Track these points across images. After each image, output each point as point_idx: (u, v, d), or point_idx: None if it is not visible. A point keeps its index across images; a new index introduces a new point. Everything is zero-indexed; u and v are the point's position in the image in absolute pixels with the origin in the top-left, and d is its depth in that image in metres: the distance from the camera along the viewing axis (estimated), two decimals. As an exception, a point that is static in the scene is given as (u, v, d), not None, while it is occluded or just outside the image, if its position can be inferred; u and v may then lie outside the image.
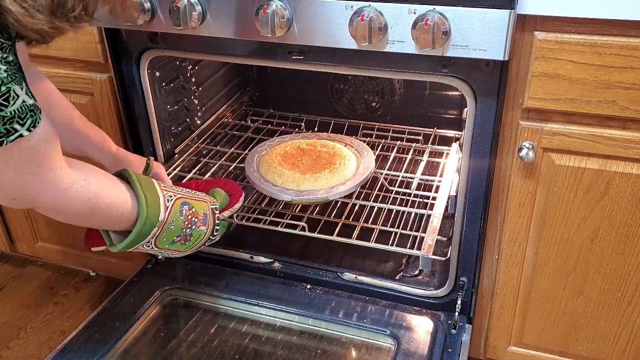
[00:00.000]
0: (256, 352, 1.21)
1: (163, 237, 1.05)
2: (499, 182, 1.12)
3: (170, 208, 1.05)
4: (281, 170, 1.32)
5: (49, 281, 1.83)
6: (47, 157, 0.83)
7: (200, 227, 1.11)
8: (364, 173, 1.31)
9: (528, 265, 1.18)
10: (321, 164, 1.33)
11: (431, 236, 1.13)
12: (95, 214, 0.94)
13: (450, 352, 1.17)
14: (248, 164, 1.38)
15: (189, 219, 1.09)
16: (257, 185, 1.31)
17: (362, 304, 1.28)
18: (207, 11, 1.05)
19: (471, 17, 0.91)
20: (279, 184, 1.30)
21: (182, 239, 1.09)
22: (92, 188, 0.91)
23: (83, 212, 0.92)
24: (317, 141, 1.44)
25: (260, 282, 1.35)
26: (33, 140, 0.78)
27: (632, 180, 1.03)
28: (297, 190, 1.28)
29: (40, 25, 0.70)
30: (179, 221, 1.06)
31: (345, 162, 1.34)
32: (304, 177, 1.29)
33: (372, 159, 1.37)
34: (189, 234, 1.09)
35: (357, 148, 1.42)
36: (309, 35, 1.02)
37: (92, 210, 0.93)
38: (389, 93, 1.67)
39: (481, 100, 1.04)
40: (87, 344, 1.17)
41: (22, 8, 0.68)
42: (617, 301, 1.16)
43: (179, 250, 1.11)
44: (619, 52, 0.93)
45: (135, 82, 1.26)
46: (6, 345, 1.60)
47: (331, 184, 1.29)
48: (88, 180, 0.91)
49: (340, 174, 1.31)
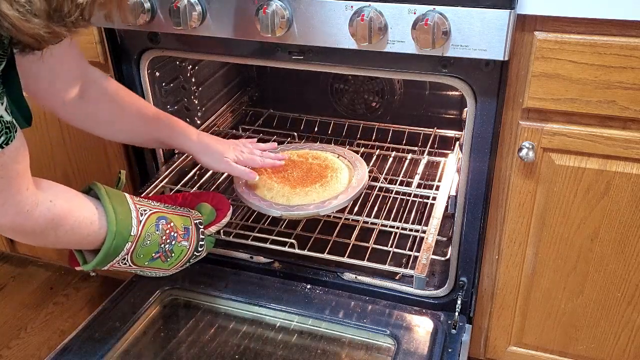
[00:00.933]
0: (256, 352, 1.21)
1: (139, 253, 1.02)
2: (499, 182, 1.12)
3: (144, 222, 1.02)
4: (270, 183, 1.27)
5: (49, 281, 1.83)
6: (14, 177, 0.81)
7: (182, 242, 1.08)
8: (356, 187, 1.27)
9: (528, 265, 1.18)
10: (312, 177, 1.29)
11: (425, 255, 1.07)
12: (60, 236, 0.92)
13: (450, 352, 1.17)
14: (237, 178, 1.32)
15: (167, 233, 1.05)
16: (245, 199, 1.27)
17: (362, 304, 1.28)
18: (207, 11, 1.05)
19: (471, 17, 0.91)
20: (268, 198, 1.26)
21: (162, 255, 1.05)
22: (56, 210, 0.89)
23: (47, 232, 0.90)
24: (308, 152, 1.40)
25: (260, 282, 1.35)
26: (3, 157, 0.77)
27: (632, 180, 1.03)
28: (286, 205, 1.24)
29: (36, 29, 0.69)
30: (155, 236, 1.03)
31: (338, 175, 1.30)
32: (294, 191, 1.25)
33: (365, 171, 1.33)
34: (169, 249, 1.06)
35: (350, 160, 1.38)
36: (308, 35, 1.02)
37: (55, 232, 0.91)
38: (389, 93, 1.67)
39: (481, 100, 1.04)
40: (87, 344, 1.17)
41: (19, 12, 0.67)
42: (617, 301, 1.16)
43: (161, 267, 1.08)
44: (619, 52, 0.93)
45: (135, 82, 1.26)
46: (6, 345, 1.60)
47: (322, 198, 1.24)
48: (54, 202, 0.89)
49: (332, 187, 1.27)
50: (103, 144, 1.39)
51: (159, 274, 1.11)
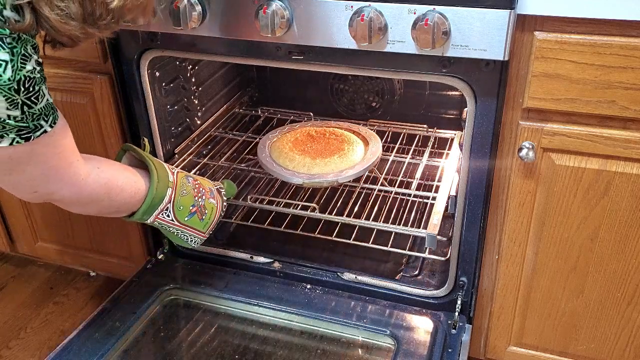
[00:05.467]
0: (256, 352, 1.21)
1: (179, 203, 1.10)
2: (499, 182, 1.12)
3: (176, 174, 1.13)
4: (292, 155, 1.37)
5: (49, 281, 1.83)
6: (65, 151, 0.90)
7: (210, 200, 1.17)
8: (371, 158, 1.36)
9: (528, 265, 1.18)
10: (330, 150, 1.38)
11: (436, 216, 1.18)
12: (112, 198, 1.00)
13: (450, 352, 1.17)
14: (260, 150, 1.43)
15: (197, 187, 1.15)
16: (270, 169, 1.36)
17: (362, 304, 1.28)
18: (207, 11, 1.05)
19: (471, 17, 0.91)
20: (290, 168, 1.34)
21: (198, 210, 1.14)
22: (105, 175, 0.99)
23: (102, 197, 0.99)
24: (326, 129, 1.49)
25: (260, 282, 1.35)
26: (55, 135, 0.85)
27: (632, 180, 1.03)
28: (308, 173, 1.33)
29: (73, 31, 0.79)
30: (188, 187, 1.13)
31: (354, 148, 1.39)
32: (314, 161, 1.34)
33: (379, 145, 1.41)
34: (202, 205, 1.15)
35: (365, 135, 1.47)
36: (309, 35, 1.02)
37: (109, 195, 0.99)
38: (389, 93, 1.67)
39: (481, 100, 1.04)
40: (87, 344, 1.17)
41: (58, 16, 0.77)
42: (617, 301, 1.16)
43: (197, 228, 1.15)
44: (619, 52, 0.93)
45: (135, 82, 1.26)
46: (6, 345, 1.60)
47: (340, 168, 1.33)
48: (101, 168, 0.99)
49: (349, 159, 1.35)
50: (103, 144, 1.39)
51: (195, 240, 1.17)
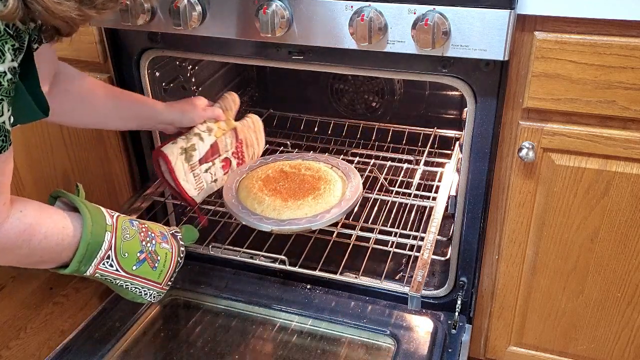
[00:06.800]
0: (256, 352, 1.21)
1: (123, 249, 0.95)
2: (499, 182, 1.12)
3: (116, 217, 0.97)
4: (261, 196, 1.21)
5: (49, 281, 1.83)
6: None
7: (163, 245, 1.03)
8: (350, 199, 1.22)
9: (528, 265, 1.18)
10: (305, 190, 1.23)
11: (421, 272, 1.03)
12: (33, 246, 0.87)
13: (450, 352, 1.17)
14: (227, 189, 1.27)
15: (144, 231, 1.00)
16: (235, 213, 1.21)
17: (362, 304, 1.28)
18: (207, 11, 1.05)
19: (471, 17, 0.91)
20: (258, 212, 1.20)
21: (148, 257, 0.99)
22: (27, 220, 0.85)
23: (19, 245, 0.85)
24: (301, 163, 1.34)
25: (260, 282, 1.35)
26: None
27: (632, 180, 1.03)
28: (277, 219, 1.18)
29: (68, 12, 0.71)
30: (133, 230, 0.98)
31: (331, 187, 1.25)
32: (286, 204, 1.19)
33: (360, 183, 1.28)
34: (152, 250, 1.00)
35: (344, 171, 1.32)
36: (309, 35, 1.02)
37: (28, 243, 0.86)
38: (389, 93, 1.67)
39: (481, 100, 1.04)
40: (87, 344, 1.17)
41: None
42: (617, 301, 1.16)
43: (150, 279, 1.01)
44: (619, 52, 0.93)
45: (135, 82, 1.26)
46: (6, 345, 1.60)
47: (315, 212, 1.19)
48: (24, 212, 0.85)
49: (324, 200, 1.21)
50: (103, 144, 1.39)
51: (152, 293, 1.03)
